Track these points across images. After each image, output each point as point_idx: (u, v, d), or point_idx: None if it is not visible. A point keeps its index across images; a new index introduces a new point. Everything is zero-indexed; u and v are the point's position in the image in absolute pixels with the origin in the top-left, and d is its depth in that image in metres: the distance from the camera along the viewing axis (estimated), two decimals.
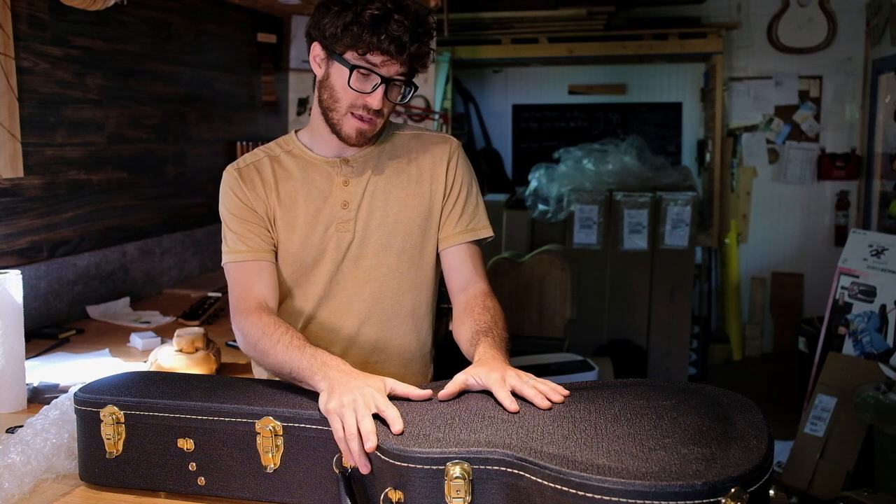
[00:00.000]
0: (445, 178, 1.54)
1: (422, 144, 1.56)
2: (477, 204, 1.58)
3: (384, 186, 1.51)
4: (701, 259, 4.93)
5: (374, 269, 1.51)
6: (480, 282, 1.53)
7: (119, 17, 2.63)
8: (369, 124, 1.43)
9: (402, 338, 1.56)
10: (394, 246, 1.51)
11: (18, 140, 2.18)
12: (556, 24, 4.71)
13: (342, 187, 1.50)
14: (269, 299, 1.45)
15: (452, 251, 1.55)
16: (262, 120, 3.66)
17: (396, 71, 1.39)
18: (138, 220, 2.77)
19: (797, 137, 5.08)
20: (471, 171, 1.59)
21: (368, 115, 1.42)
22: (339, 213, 1.49)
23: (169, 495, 1.21)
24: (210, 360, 1.75)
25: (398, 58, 1.37)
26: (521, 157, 5.59)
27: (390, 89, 1.41)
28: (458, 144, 1.60)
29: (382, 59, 1.37)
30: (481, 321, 1.41)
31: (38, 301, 2.24)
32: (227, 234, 1.50)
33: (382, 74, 1.38)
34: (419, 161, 1.54)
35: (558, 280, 3.77)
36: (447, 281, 1.58)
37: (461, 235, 1.54)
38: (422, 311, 1.58)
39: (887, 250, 3.25)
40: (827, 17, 4.87)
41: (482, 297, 1.48)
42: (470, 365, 1.28)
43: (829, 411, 3.11)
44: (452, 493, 0.97)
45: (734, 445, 0.97)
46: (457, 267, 1.54)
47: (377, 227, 1.50)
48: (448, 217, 1.55)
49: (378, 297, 1.52)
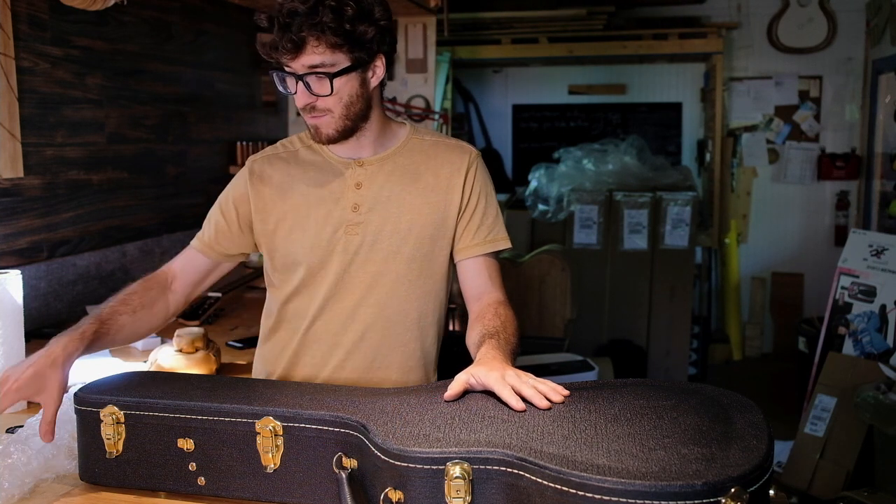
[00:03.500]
0: (463, 190, 1.52)
1: (440, 152, 1.54)
2: (497, 215, 1.56)
3: (398, 192, 1.50)
4: (701, 259, 4.93)
5: (382, 275, 1.50)
6: (496, 291, 1.52)
7: (119, 17, 2.63)
8: (318, 120, 1.42)
9: (406, 346, 1.54)
10: (404, 253, 1.49)
11: (18, 140, 2.18)
12: (556, 24, 4.71)
13: (354, 190, 1.49)
14: (176, 276, 1.55)
15: (469, 263, 1.53)
16: (262, 120, 3.66)
17: (302, 65, 1.36)
18: (138, 220, 2.77)
19: (797, 137, 5.08)
20: (489, 181, 1.57)
21: (311, 114, 1.42)
22: (349, 216, 1.49)
23: (169, 495, 1.21)
24: (210, 360, 1.75)
25: (291, 50, 1.35)
26: (521, 157, 5.59)
27: (312, 83, 1.38)
28: (478, 154, 1.57)
29: (287, 57, 1.36)
30: (490, 325, 1.40)
31: (38, 301, 2.24)
32: (209, 212, 1.59)
33: (293, 73, 1.37)
34: (437, 169, 1.52)
35: (558, 280, 3.77)
36: (463, 291, 1.57)
37: (479, 247, 1.53)
38: (428, 320, 1.56)
39: (887, 250, 3.25)
40: (827, 17, 4.87)
41: (495, 305, 1.47)
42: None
43: (829, 411, 3.11)
44: (452, 493, 0.97)
45: (734, 445, 0.97)
46: (473, 278, 1.53)
47: (389, 234, 1.49)
48: (466, 228, 1.53)
49: (384, 304, 1.51)
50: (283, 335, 1.57)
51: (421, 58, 3.67)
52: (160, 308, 1.49)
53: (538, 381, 1.18)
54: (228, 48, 3.36)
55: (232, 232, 1.53)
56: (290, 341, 1.55)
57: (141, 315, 1.45)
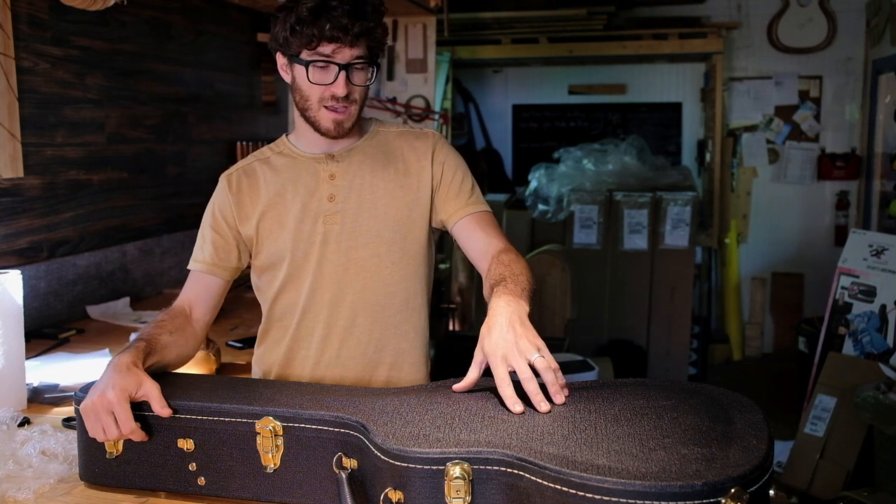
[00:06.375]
0: (432, 169, 1.57)
1: (406, 141, 1.60)
2: (473, 185, 1.60)
3: (370, 179, 1.54)
4: (701, 259, 4.93)
5: (364, 259, 1.53)
6: (495, 241, 1.53)
7: (119, 17, 2.63)
8: (343, 113, 1.46)
9: (398, 328, 1.57)
10: (384, 237, 1.53)
11: (18, 140, 2.18)
12: (556, 24, 4.71)
13: (328, 181, 1.53)
14: (193, 305, 1.53)
15: (460, 225, 1.56)
16: (262, 120, 3.66)
17: (351, 55, 1.41)
18: (138, 220, 2.77)
19: (797, 137, 5.08)
20: (457, 156, 1.61)
21: (340, 105, 1.45)
22: (325, 206, 1.52)
23: (169, 495, 1.21)
24: (210, 360, 1.76)
25: (346, 41, 1.39)
26: (521, 157, 5.59)
27: (353, 73, 1.44)
28: (440, 135, 1.63)
29: (333, 48, 1.40)
30: (495, 273, 1.40)
31: (38, 301, 2.24)
32: (198, 236, 1.59)
33: (338, 62, 1.41)
34: (405, 156, 1.58)
35: (558, 280, 3.77)
36: (468, 255, 1.58)
37: (463, 209, 1.56)
38: (416, 301, 1.59)
39: (887, 250, 3.25)
40: (827, 17, 4.87)
41: (497, 255, 1.47)
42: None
43: (829, 411, 3.11)
44: (452, 493, 0.97)
45: (734, 445, 0.97)
46: (469, 238, 1.55)
47: (367, 219, 1.53)
48: (445, 199, 1.57)
49: (371, 288, 1.54)
50: (276, 334, 1.59)
51: (421, 58, 3.67)
52: (190, 334, 1.48)
53: (545, 364, 1.16)
54: (228, 48, 3.36)
55: (230, 244, 1.55)
56: (283, 338, 1.58)
57: (177, 338, 1.43)
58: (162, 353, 1.37)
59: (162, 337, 1.38)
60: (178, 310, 1.50)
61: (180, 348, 1.44)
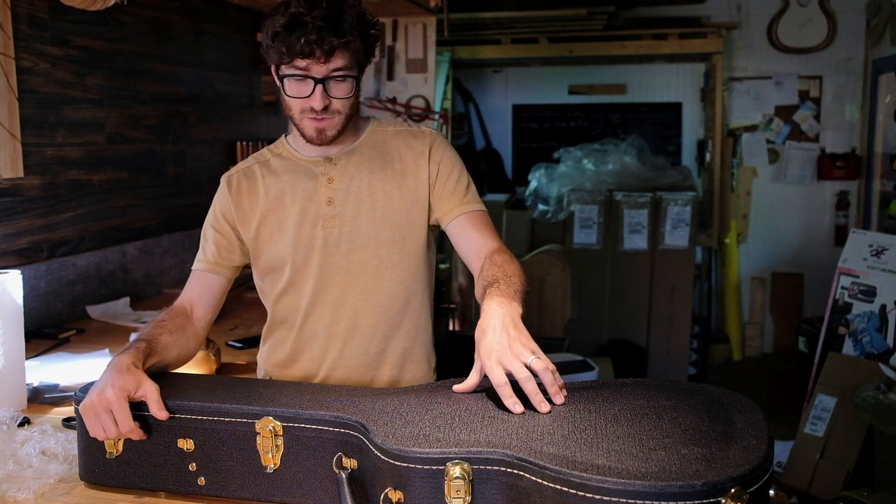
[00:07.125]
0: (429, 168, 1.56)
1: (403, 140, 1.59)
2: (469, 184, 1.59)
3: (368, 181, 1.54)
4: (701, 259, 4.94)
5: (365, 262, 1.53)
6: (489, 241, 1.52)
7: (119, 17, 2.63)
8: (325, 122, 1.45)
9: (400, 328, 1.57)
10: (383, 238, 1.53)
11: (18, 140, 2.18)
12: (556, 24, 4.71)
13: (327, 185, 1.53)
14: (194, 304, 1.53)
15: (455, 224, 1.55)
16: (262, 120, 3.66)
17: (328, 69, 1.39)
18: (138, 220, 2.77)
19: (797, 137, 5.08)
20: (455, 156, 1.60)
21: (320, 115, 1.44)
22: (324, 210, 1.52)
23: (169, 495, 1.21)
24: (210, 360, 1.76)
25: (318, 57, 1.37)
26: (521, 157, 5.59)
27: (331, 86, 1.41)
28: (437, 134, 1.62)
29: (307, 62, 1.38)
30: (488, 275, 1.39)
31: (38, 301, 2.24)
32: (201, 236, 1.59)
33: (314, 76, 1.39)
34: (402, 156, 1.57)
35: (558, 280, 3.78)
36: (462, 255, 1.58)
37: (458, 208, 1.55)
38: (417, 300, 1.59)
39: (887, 250, 3.24)
40: (827, 17, 4.87)
41: (491, 254, 1.47)
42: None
43: (829, 411, 3.11)
44: (452, 493, 0.97)
45: (734, 445, 0.97)
46: (463, 237, 1.55)
47: (366, 221, 1.53)
48: (440, 198, 1.56)
49: (372, 290, 1.54)
50: (279, 336, 1.60)
51: (421, 58, 3.67)
52: (190, 334, 1.48)
53: (542, 365, 1.15)
54: (228, 48, 3.36)
55: (231, 243, 1.56)
56: (286, 341, 1.58)
57: (177, 337, 1.43)
58: (162, 353, 1.37)
59: (162, 337, 1.39)
60: (179, 309, 1.50)
61: (181, 348, 1.44)
